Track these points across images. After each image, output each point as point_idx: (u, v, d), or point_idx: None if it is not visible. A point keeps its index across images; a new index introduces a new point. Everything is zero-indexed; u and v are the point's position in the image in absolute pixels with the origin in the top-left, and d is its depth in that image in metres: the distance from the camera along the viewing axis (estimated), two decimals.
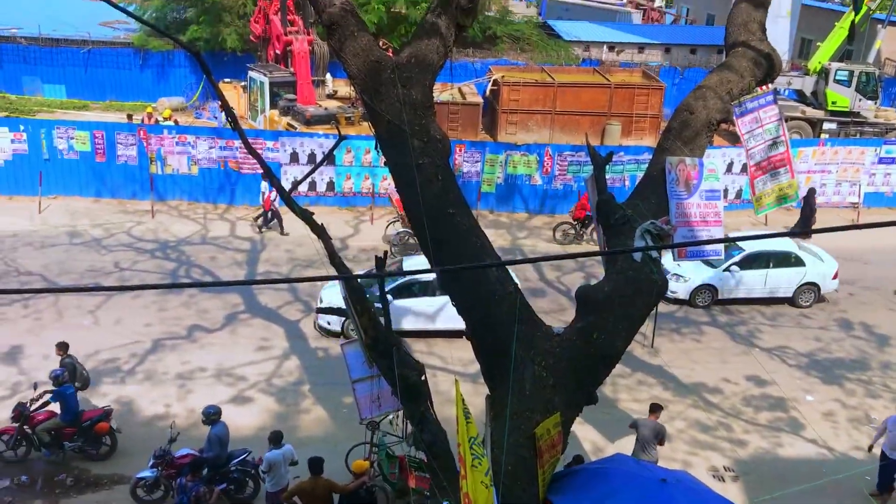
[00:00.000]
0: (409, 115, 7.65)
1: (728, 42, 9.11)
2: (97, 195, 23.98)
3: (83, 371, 14.07)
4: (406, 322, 16.92)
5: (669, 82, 33.99)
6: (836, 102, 31.01)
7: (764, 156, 9.05)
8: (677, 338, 18.14)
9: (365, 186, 24.28)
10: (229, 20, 32.65)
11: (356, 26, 7.91)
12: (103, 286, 17.98)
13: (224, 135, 23.64)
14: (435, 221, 7.62)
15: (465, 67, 34.12)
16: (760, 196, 9.16)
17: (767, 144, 9.02)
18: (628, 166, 24.51)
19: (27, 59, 32.79)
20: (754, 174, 9.10)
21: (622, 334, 7.79)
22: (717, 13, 50.84)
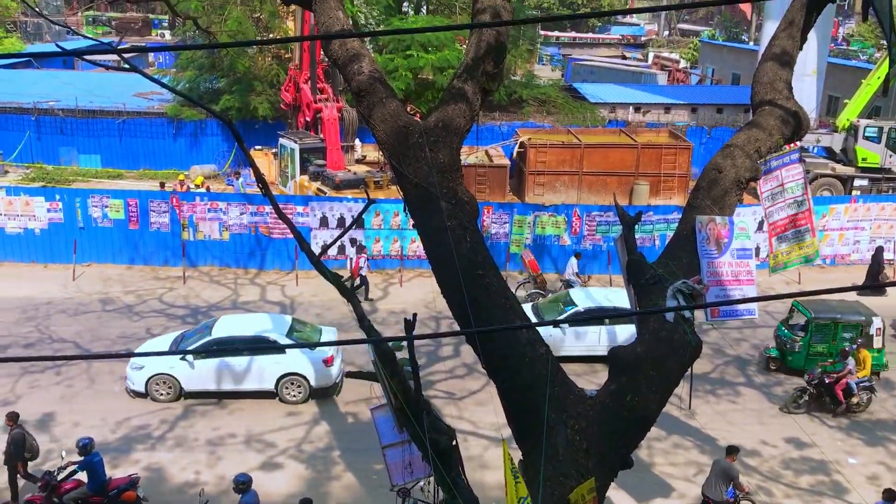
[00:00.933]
0: (437, 177, 7.69)
1: (755, 101, 9.10)
2: (130, 262, 24.31)
3: (33, 442, 13.77)
4: None
5: (697, 142, 34.06)
6: (866, 159, 30.83)
7: (785, 214, 8.97)
8: (713, 399, 17.78)
9: (394, 249, 24.39)
10: (261, 89, 33.41)
11: (384, 93, 8.02)
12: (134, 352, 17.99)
13: (255, 201, 23.97)
14: (464, 283, 7.59)
15: (491, 130, 34.48)
16: (777, 255, 9.06)
17: (788, 203, 8.94)
18: (657, 226, 24.42)
19: (64, 130, 33.74)
20: (772, 233, 9.01)
21: (656, 396, 7.63)
22: (743, 72, 51.16)
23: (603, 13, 4.79)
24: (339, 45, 8.27)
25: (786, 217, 8.95)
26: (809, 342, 18.54)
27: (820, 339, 18.49)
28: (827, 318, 18.49)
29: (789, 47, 8.92)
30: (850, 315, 18.55)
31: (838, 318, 18.46)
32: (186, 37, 40.47)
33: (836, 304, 19.14)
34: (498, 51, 8.25)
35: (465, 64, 8.27)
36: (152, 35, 73.19)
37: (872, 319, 18.33)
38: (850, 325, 18.30)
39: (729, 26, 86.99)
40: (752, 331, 21.16)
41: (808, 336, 18.56)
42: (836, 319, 18.43)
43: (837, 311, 18.69)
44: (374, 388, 9.30)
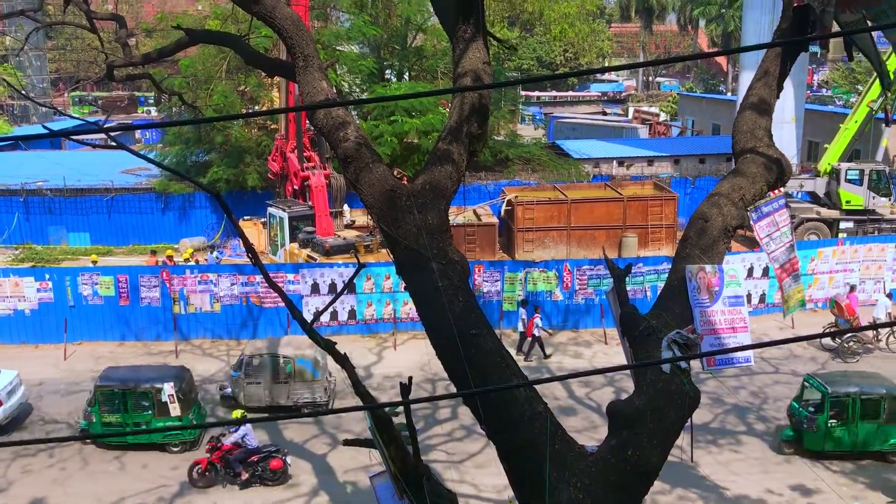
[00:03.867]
0: (427, 239, 7.73)
1: (736, 149, 9.23)
2: (122, 338, 24.13)
3: None
4: None
5: (682, 192, 34.39)
6: (850, 201, 31.17)
7: (786, 258, 9.04)
8: (715, 449, 17.60)
9: (386, 312, 24.32)
10: (249, 160, 33.69)
11: (371, 158, 8.10)
12: (128, 430, 17.77)
13: (245, 270, 23.96)
14: (458, 343, 7.56)
15: (478, 190, 34.76)
16: (788, 298, 9.09)
17: (787, 247, 9.02)
18: (648, 277, 24.49)
19: (53, 209, 33.83)
20: (781, 276, 9.06)
21: (658, 449, 7.55)
22: (723, 122, 51.97)
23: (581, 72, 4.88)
24: (325, 114, 8.38)
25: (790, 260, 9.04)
26: (827, 422, 16.79)
27: (839, 418, 16.78)
28: (845, 393, 16.82)
29: (767, 96, 9.09)
30: (871, 388, 16.89)
31: (856, 391, 16.79)
32: (172, 112, 40.87)
33: (852, 376, 17.74)
34: (481, 112, 8.37)
35: (449, 126, 8.38)
36: (139, 112, 74.00)
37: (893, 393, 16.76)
38: (871, 400, 16.71)
39: (706, 78, 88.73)
40: (750, 378, 21.08)
41: (825, 415, 16.80)
42: (855, 394, 16.74)
43: (855, 384, 17.00)
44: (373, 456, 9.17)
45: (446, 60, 37.16)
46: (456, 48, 8.57)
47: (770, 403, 19.70)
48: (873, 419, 16.74)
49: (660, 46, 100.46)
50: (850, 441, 16.83)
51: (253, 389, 19.06)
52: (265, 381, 18.99)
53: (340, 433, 18.00)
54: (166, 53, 11.22)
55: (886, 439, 16.89)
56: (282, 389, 19.03)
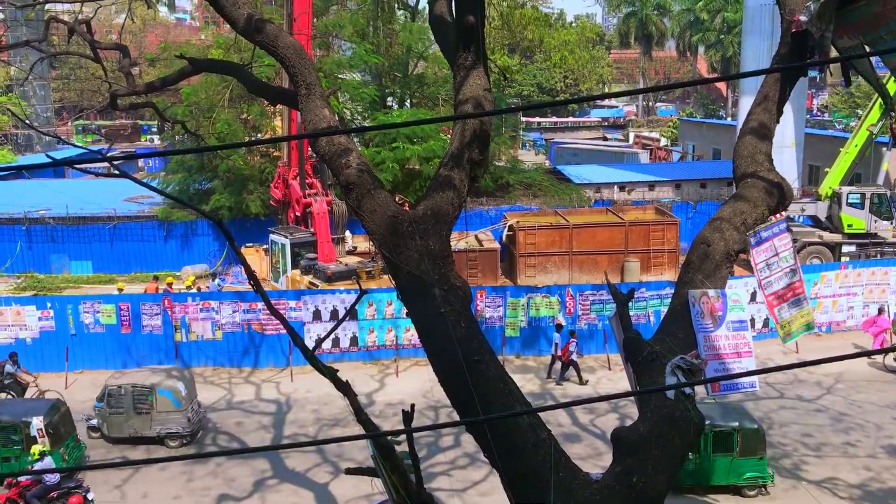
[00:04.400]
0: (429, 265, 7.72)
1: (737, 174, 9.24)
2: (123, 367, 23.98)
3: None
4: None
5: (683, 217, 34.42)
6: (851, 225, 31.18)
7: (784, 284, 9.01)
8: None
9: (389, 339, 24.25)
10: (252, 188, 33.80)
11: (372, 184, 8.13)
12: (129, 460, 17.71)
13: (247, 298, 23.93)
14: (460, 370, 7.53)
15: (480, 215, 34.81)
16: (785, 324, 9.05)
17: (785, 272, 8.99)
18: (651, 302, 24.43)
19: (55, 238, 33.88)
20: (772, 303, 9.02)
21: (663, 475, 7.49)
22: (723, 147, 52.16)
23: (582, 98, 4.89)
24: (327, 141, 8.42)
25: (786, 286, 8.99)
26: None
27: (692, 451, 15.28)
28: None
29: (766, 121, 9.12)
30: (723, 421, 16.42)
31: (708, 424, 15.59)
32: (175, 140, 41.15)
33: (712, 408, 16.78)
34: (482, 139, 8.41)
35: (450, 153, 8.41)
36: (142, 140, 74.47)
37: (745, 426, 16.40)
38: (723, 434, 16.26)
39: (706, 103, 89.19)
40: (755, 403, 20.93)
41: None
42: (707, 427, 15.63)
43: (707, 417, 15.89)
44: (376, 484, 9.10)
45: (447, 87, 37.39)
46: (457, 76, 8.62)
47: (776, 429, 19.56)
48: (726, 452, 16.26)
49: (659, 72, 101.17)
50: (705, 474, 16.43)
51: (116, 420, 19.01)
52: (128, 411, 18.91)
53: (342, 461, 17.87)
54: (169, 82, 11.30)
55: (741, 473, 16.35)
56: (144, 420, 18.94)
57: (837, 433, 19.31)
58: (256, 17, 9.01)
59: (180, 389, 19.03)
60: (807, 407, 20.84)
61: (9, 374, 21.02)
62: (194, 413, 19.45)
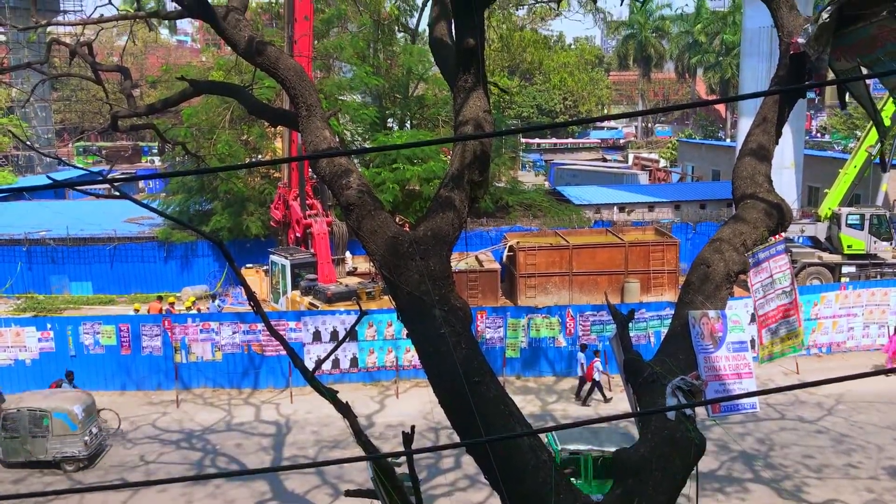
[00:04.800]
0: (429, 286, 7.73)
1: (736, 195, 9.26)
2: (122, 388, 24.00)
3: None
4: None
5: (683, 237, 34.46)
6: (851, 246, 31.21)
7: (775, 305, 9.03)
8: (722, 497, 17.35)
9: (389, 360, 24.20)
10: (252, 209, 33.87)
11: (373, 205, 8.15)
12: (128, 482, 17.61)
13: (247, 319, 23.90)
14: (461, 391, 7.51)
15: (480, 236, 34.85)
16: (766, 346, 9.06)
17: (777, 294, 9.01)
18: (651, 323, 24.40)
19: (55, 259, 33.92)
20: (762, 324, 9.03)
21: (664, 498, 7.45)
22: (722, 168, 52.31)
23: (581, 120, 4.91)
24: (328, 163, 8.45)
25: (776, 308, 9.00)
26: None
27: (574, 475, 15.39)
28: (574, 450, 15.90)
29: (765, 142, 9.15)
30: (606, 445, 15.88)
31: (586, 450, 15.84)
32: (176, 162, 41.30)
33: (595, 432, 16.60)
34: (482, 160, 8.44)
35: (450, 174, 8.44)
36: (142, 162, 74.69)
37: None
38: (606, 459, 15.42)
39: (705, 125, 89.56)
40: (756, 424, 20.88)
41: None
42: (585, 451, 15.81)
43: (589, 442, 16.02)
44: None
45: (447, 109, 37.58)
46: (457, 97, 8.67)
47: (777, 450, 19.48)
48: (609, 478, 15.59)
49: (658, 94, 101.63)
50: None
51: (12, 444, 18.90)
52: (24, 435, 18.77)
53: (342, 483, 17.78)
54: (170, 104, 11.35)
55: None
56: (40, 444, 18.78)
57: (839, 454, 19.23)
58: (257, 39, 9.08)
59: (76, 412, 18.89)
60: (808, 428, 20.76)
61: None
62: (92, 436, 19.26)
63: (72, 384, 21.48)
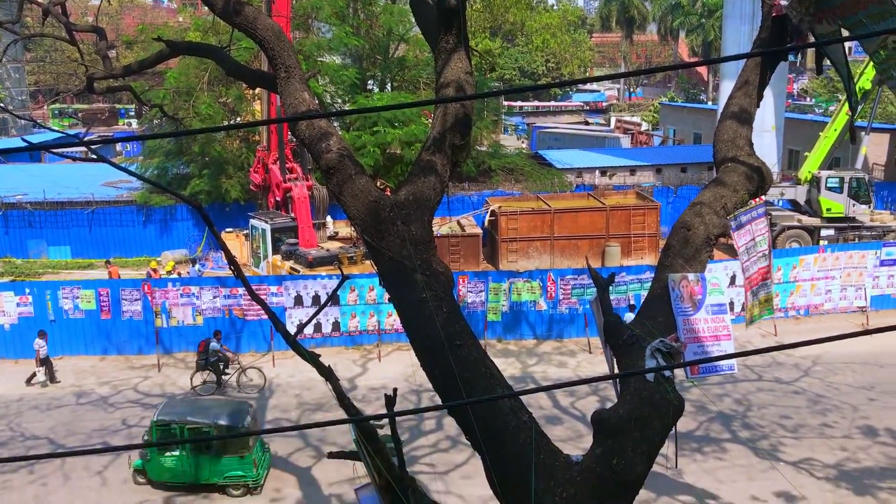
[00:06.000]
0: (411, 250, 7.71)
1: (717, 159, 9.28)
2: (103, 353, 23.92)
3: None
4: None
5: (664, 201, 34.57)
6: (830, 209, 31.46)
7: (756, 268, 9.09)
8: (700, 457, 17.64)
9: (371, 324, 24.25)
10: (231, 172, 33.57)
11: (353, 169, 8.08)
12: (111, 446, 17.65)
13: (228, 283, 23.82)
14: (442, 354, 7.54)
15: (462, 201, 34.79)
16: (751, 308, 9.14)
17: (759, 257, 9.07)
18: (631, 286, 24.56)
19: (32, 223, 33.54)
20: (747, 287, 9.10)
21: (642, 457, 7.55)
22: (704, 132, 52.34)
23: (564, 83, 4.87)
24: (307, 125, 8.36)
25: (757, 271, 9.06)
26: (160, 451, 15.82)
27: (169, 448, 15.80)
28: (171, 420, 15.90)
29: (747, 105, 9.15)
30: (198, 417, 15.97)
31: (179, 420, 15.86)
32: (153, 125, 40.76)
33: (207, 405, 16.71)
34: (464, 123, 8.38)
35: (432, 137, 8.38)
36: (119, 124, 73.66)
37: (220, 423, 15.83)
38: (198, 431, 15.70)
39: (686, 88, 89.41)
40: (734, 385, 21.17)
41: None
42: (180, 422, 15.81)
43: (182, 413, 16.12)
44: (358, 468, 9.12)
45: (429, 71, 37.27)
46: (438, 59, 8.58)
47: (754, 411, 19.79)
48: (205, 450, 15.89)
49: (641, 56, 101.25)
50: (187, 472, 16.03)
51: None
52: None
53: (325, 446, 17.90)
54: (147, 65, 11.16)
55: (222, 472, 16.01)
56: None
57: (814, 415, 19.56)
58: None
59: None
60: (785, 389, 21.08)
61: (214, 352, 21.08)
62: None
63: (219, 343, 21.43)
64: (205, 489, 16.32)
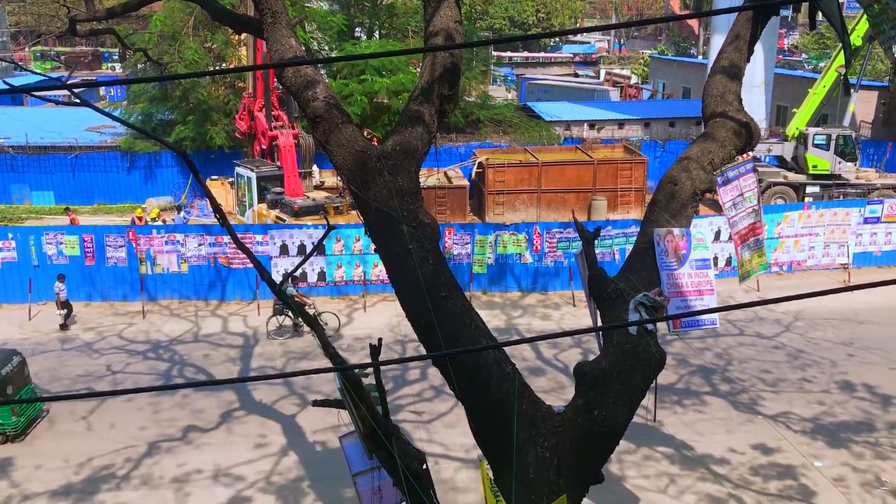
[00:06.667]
0: (397, 201, 7.68)
1: (706, 113, 9.25)
2: (88, 299, 23.88)
3: None
4: None
5: (651, 155, 34.52)
6: (816, 166, 31.51)
7: (747, 223, 9.12)
8: (680, 410, 17.91)
9: (356, 274, 24.28)
10: (216, 119, 33.20)
11: (340, 118, 8.01)
12: (95, 392, 17.71)
13: (213, 231, 23.73)
14: (427, 305, 7.57)
15: (449, 152, 34.63)
16: (743, 264, 9.20)
17: (748, 212, 9.10)
18: (617, 240, 24.65)
19: (15, 167, 33.16)
20: (737, 242, 9.14)
21: (623, 409, 7.65)
22: (693, 86, 52.07)
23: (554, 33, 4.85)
24: (293, 72, 8.25)
25: (747, 226, 9.10)
26: None
27: None
28: None
29: (737, 60, 9.10)
30: None
31: None
32: (137, 69, 40.14)
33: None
34: (452, 73, 8.30)
35: (420, 87, 8.30)
36: (103, 68, 72.44)
37: None
38: None
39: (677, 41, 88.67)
40: (715, 340, 21.41)
41: None
42: None
43: None
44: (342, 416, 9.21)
45: (417, 19, 36.75)
46: (427, 7, 8.46)
47: (735, 365, 20.05)
48: None
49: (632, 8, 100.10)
50: None
51: None
52: None
53: (310, 394, 18.05)
54: (131, 8, 10.94)
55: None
56: None
57: (794, 369, 19.85)
58: None
59: None
60: (765, 344, 21.35)
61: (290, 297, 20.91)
62: None
63: (295, 287, 21.86)
64: None
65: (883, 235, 26.91)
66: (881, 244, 27.02)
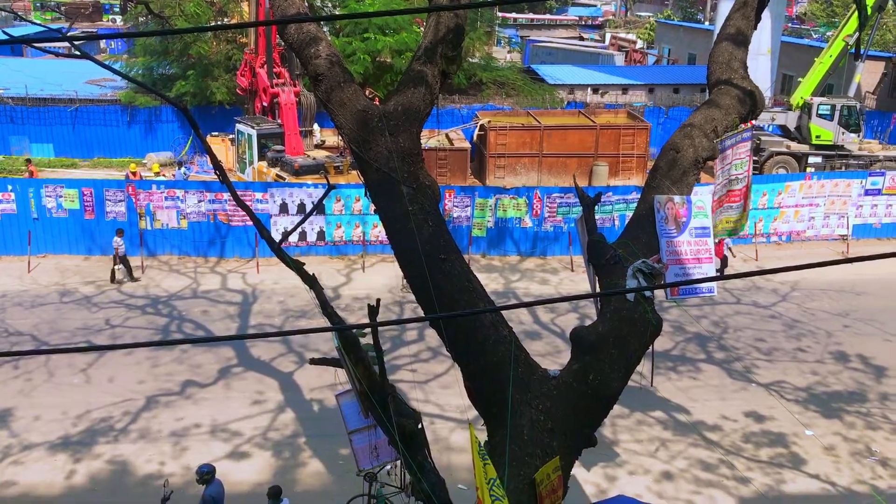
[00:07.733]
0: (398, 162, 7.66)
1: (711, 80, 9.19)
2: (87, 252, 23.90)
3: None
4: None
5: (654, 122, 34.34)
6: (819, 136, 31.35)
7: (723, 191, 9.16)
8: (674, 376, 18.04)
9: (356, 235, 24.28)
10: (217, 74, 32.93)
11: (342, 77, 7.95)
12: (95, 345, 17.82)
13: (213, 188, 23.67)
14: (426, 267, 7.58)
15: (451, 114, 34.41)
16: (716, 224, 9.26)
17: (730, 180, 9.12)
18: (617, 206, 24.62)
19: (14, 119, 32.97)
20: (713, 207, 9.18)
21: (619, 374, 7.71)
22: (699, 52, 51.61)
23: None
24: (296, 29, 8.17)
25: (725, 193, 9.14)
26: None
27: None
28: None
29: (744, 27, 9.01)
30: None
31: None
32: (139, 22, 39.70)
33: None
34: (456, 33, 8.21)
35: (423, 47, 8.22)
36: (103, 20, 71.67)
37: None
38: None
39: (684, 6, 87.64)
40: (712, 308, 21.50)
41: None
42: None
43: None
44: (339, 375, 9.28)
45: None
46: None
47: (730, 333, 20.16)
48: None
49: None
50: None
51: None
52: None
53: (307, 352, 18.17)
54: None
55: None
56: None
57: (789, 339, 19.97)
58: None
59: None
60: (762, 313, 21.45)
61: None
62: None
63: None
64: None
65: (883, 208, 26.88)
66: (881, 216, 27.00)
